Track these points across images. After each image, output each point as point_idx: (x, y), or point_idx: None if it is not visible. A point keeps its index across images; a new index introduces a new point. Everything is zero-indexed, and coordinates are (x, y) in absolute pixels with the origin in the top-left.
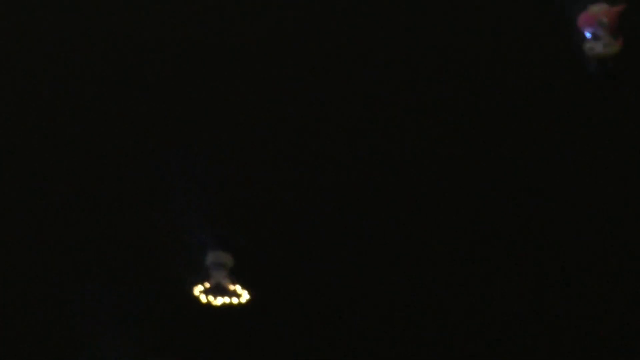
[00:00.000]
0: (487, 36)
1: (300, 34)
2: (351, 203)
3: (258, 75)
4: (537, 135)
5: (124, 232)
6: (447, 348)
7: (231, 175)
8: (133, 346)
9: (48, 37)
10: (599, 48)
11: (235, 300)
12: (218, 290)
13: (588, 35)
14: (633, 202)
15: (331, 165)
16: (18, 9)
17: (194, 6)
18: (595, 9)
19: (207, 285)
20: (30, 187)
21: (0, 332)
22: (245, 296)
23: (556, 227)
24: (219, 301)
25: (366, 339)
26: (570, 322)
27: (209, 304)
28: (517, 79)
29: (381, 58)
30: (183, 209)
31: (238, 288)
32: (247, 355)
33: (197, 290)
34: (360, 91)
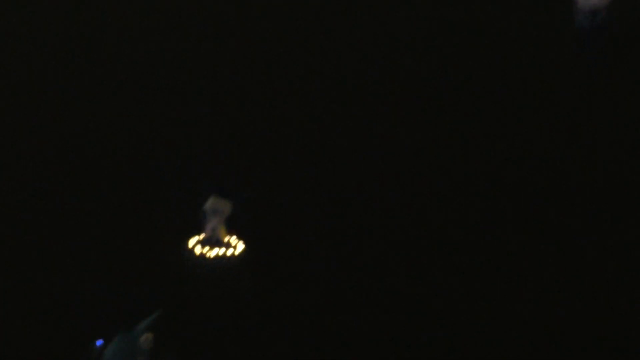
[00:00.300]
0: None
1: (300, 35)
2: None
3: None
4: (536, 134)
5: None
6: (447, 348)
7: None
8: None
9: (48, 37)
10: None
11: (229, 252)
12: (213, 241)
13: None
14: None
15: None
16: (18, 8)
17: (194, 7)
18: None
19: (202, 236)
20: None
21: (0, 332)
22: (239, 247)
23: (556, 227)
24: (213, 252)
25: (359, 299)
26: (570, 322)
27: (202, 255)
28: (516, 78)
29: (382, 58)
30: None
31: (233, 239)
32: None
33: (192, 242)
34: (361, 91)
